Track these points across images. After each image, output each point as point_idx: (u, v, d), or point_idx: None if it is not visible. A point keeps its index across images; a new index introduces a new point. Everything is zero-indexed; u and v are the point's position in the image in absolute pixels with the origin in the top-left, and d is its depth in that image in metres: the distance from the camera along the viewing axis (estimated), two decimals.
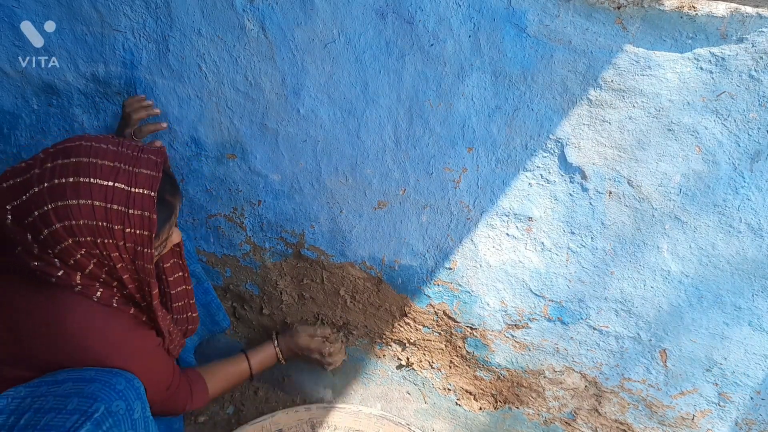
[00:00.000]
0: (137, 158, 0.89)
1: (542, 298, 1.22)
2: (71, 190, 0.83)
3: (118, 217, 0.86)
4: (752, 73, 0.92)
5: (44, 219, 0.83)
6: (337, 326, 1.46)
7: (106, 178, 0.85)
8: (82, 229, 0.84)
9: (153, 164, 0.90)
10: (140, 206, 0.87)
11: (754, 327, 1.09)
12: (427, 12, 1.04)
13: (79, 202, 0.83)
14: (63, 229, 0.83)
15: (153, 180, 0.89)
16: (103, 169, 0.85)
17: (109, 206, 0.85)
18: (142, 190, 0.87)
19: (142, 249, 0.90)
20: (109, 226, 0.85)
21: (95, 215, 0.84)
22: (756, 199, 0.99)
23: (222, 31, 1.17)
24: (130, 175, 0.87)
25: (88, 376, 0.94)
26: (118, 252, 0.89)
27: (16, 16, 1.25)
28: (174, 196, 0.97)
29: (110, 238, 0.86)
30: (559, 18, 0.98)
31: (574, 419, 1.33)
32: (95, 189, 0.84)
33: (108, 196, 0.85)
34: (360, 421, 1.32)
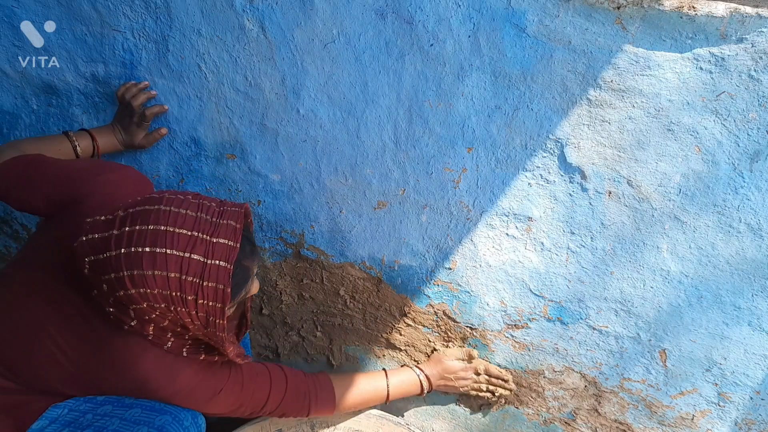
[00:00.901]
0: (216, 225, 0.87)
1: (542, 298, 1.22)
2: (147, 261, 0.82)
3: (192, 288, 0.84)
4: (752, 73, 0.92)
5: (120, 282, 0.82)
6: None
7: (183, 249, 0.83)
8: (156, 297, 0.83)
9: (232, 232, 0.87)
10: (215, 278, 0.85)
11: (753, 327, 1.09)
12: (426, 12, 1.04)
13: (154, 273, 0.82)
14: (138, 294, 0.83)
15: (230, 251, 0.86)
16: (180, 238, 0.83)
17: (183, 278, 0.83)
18: (218, 262, 0.85)
19: (215, 320, 0.88)
20: (183, 296, 0.84)
21: (169, 286, 0.83)
22: (755, 199, 0.99)
23: (222, 31, 1.17)
24: (207, 246, 0.85)
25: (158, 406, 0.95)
26: (190, 318, 0.87)
27: (16, 16, 1.25)
28: (252, 260, 0.94)
29: (183, 307, 0.85)
30: (558, 18, 0.98)
31: (574, 419, 1.33)
32: (171, 260, 0.82)
33: (183, 267, 0.83)
34: (359, 421, 1.31)
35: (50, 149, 1.16)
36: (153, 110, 1.25)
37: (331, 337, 1.49)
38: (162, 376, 0.94)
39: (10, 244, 1.66)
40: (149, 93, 1.25)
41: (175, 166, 1.36)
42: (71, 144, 1.20)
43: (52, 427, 0.92)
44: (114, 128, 1.28)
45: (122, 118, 1.27)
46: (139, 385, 0.94)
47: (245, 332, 1.16)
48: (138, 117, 1.24)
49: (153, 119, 1.27)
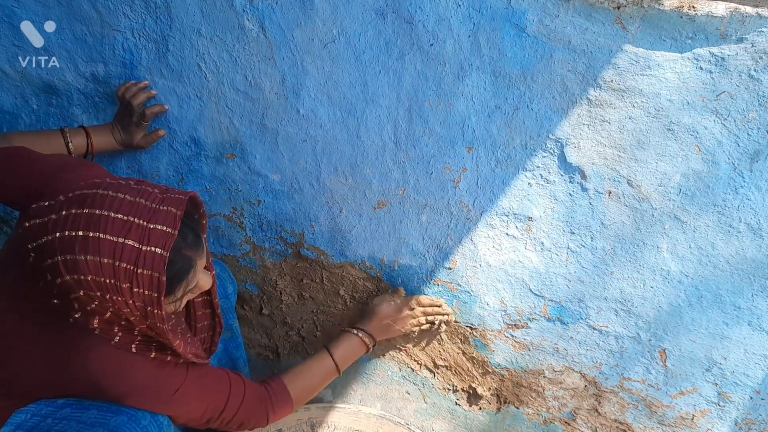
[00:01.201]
0: (155, 211, 0.84)
1: (542, 298, 1.22)
2: (80, 245, 0.80)
3: (126, 275, 0.82)
4: (752, 73, 0.92)
5: (56, 269, 0.81)
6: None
7: (117, 233, 0.81)
8: (90, 284, 0.81)
9: (171, 219, 0.84)
10: (150, 266, 0.82)
11: (753, 327, 1.09)
12: (426, 12, 1.04)
13: (86, 258, 0.80)
14: (72, 281, 0.81)
15: (167, 238, 0.83)
16: (116, 223, 0.81)
17: (117, 264, 0.81)
18: (153, 249, 0.82)
19: (152, 310, 0.86)
20: (117, 284, 0.82)
21: (102, 272, 0.81)
22: (755, 199, 0.99)
23: (222, 30, 1.17)
24: (143, 232, 0.82)
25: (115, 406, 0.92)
26: (129, 309, 0.85)
27: (16, 16, 1.25)
28: (195, 250, 0.90)
29: (119, 295, 0.83)
30: (558, 18, 0.98)
31: (574, 419, 1.33)
32: (104, 245, 0.80)
33: (116, 253, 0.81)
34: (359, 420, 1.31)
35: (41, 144, 1.15)
36: (153, 110, 1.25)
37: (332, 337, 1.49)
38: (111, 374, 0.92)
39: None
40: (149, 92, 1.25)
41: (175, 165, 1.36)
42: (64, 140, 1.19)
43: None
44: (113, 128, 1.27)
45: (122, 117, 1.26)
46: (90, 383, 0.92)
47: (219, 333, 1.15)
48: (137, 116, 1.24)
49: (153, 119, 1.27)
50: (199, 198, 0.94)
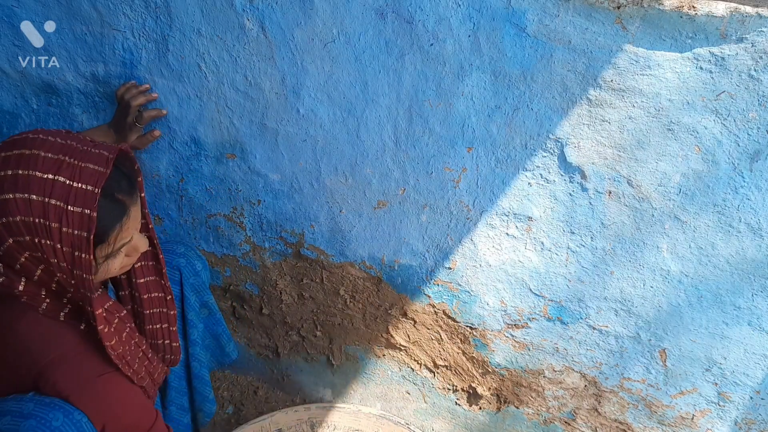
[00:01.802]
0: (86, 153, 0.83)
1: (542, 298, 1.22)
2: (9, 183, 0.78)
3: (56, 213, 0.79)
4: (752, 73, 0.92)
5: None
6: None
7: (47, 170, 0.79)
8: (19, 226, 0.78)
9: (103, 160, 0.83)
10: (81, 203, 0.80)
11: (753, 327, 1.09)
12: (426, 12, 1.04)
13: (15, 196, 0.78)
14: (2, 226, 0.79)
15: (99, 176, 0.82)
16: (45, 161, 0.79)
17: (47, 201, 0.78)
18: (84, 186, 0.80)
19: (80, 254, 0.82)
20: (47, 223, 0.79)
21: (32, 211, 0.78)
22: (755, 199, 0.99)
23: (222, 30, 1.17)
24: (74, 169, 0.80)
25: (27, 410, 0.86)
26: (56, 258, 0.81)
27: (16, 16, 1.25)
28: (129, 196, 0.88)
29: (47, 239, 0.80)
30: (558, 18, 0.98)
31: (574, 419, 1.33)
32: (33, 181, 0.78)
33: (47, 189, 0.78)
34: (359, 420, 1.32)
35: None
36: (150, 114, 1.25)
37: (331, 336, 1.49)
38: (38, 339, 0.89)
39: None
40: (149, 96, 1.25)
41: (175, 165, 1.36)
42: None
43: None
44: (108, 129, 1.27)
45: (118, 118, 1.25)
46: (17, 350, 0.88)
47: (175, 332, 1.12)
48: (133, 118, 1.23)
49: (150, 122, 1.27)
50: (132, 153, 0.93)
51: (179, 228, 1.47)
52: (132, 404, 0.98)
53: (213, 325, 1.41)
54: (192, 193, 1.40)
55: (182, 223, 1.46)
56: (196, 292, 1.35)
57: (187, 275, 1.31)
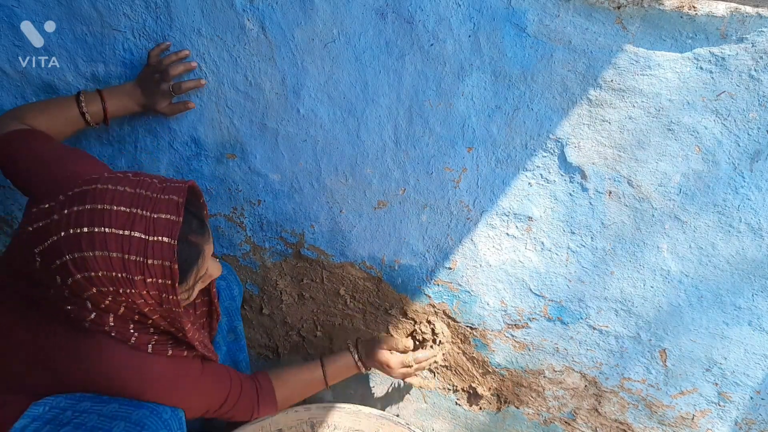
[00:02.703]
0: (156, 201, 0.83)
1: (542, 298, 1.22)
2: (86, 242, 0.79)
3: (137, 267, 0.81)
4: (752, 73, 0.92)
5: (65, 269, 0.80)
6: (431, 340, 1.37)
7: (122, 226, 0.80)
8: (102, 279, 0.81)
9: (174, 207, 0.84)
10: (159, 256, 0.82)
11: (753, 327, 1.09)
12: (427, 12, 1.04)
13: (95, 254, 0.79)
14: (83, 279, 0.80)
15: (173, 226, 0.82)
16: (119, 216, 0.80)
17: (126, 257, 0.80)
18: (160, 238, 0.81)
19: (167, 296, 0.86)
20: (128, 276, 0.81)
21: (112, 266, 0.80)
22: (756, 199, 0.99)
23: (222, 30, 1.17)
24: (148, 222, 0.81)
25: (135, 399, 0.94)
26: (143, 300, 0.85)
27: (16, 16, 1.25)
28: (201, 235, 0.90)
29: (131, 288, 0.82)
30: (559, 18, 0.98)
31: (574, 419, 1.33)
32: (110, 239, 0.79)
33: (124, 246, 0.80)
34: (360, 420, 1.31)
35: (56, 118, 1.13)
36: (189, 84, 1.19)
37: (331, 336, 1.49)
38: (130, 374, 0.93)
39: None
40: (188, 64, 1.19)
41: (175, 165, 1.36)
42: (79, 110, 1.15)
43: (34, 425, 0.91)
44: (134, 89, 1.20)
45: (148, 80, 1.19)
46: (109, 384, 0.92)
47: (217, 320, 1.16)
48: (169, 86, 1.18)
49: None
50: (198, 187, 0.93)
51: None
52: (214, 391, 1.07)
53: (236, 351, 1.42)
54: None
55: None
56: (228, 316, 1.35)
57: (223, 298, 1.32)
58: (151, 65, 1.19)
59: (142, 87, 1.20)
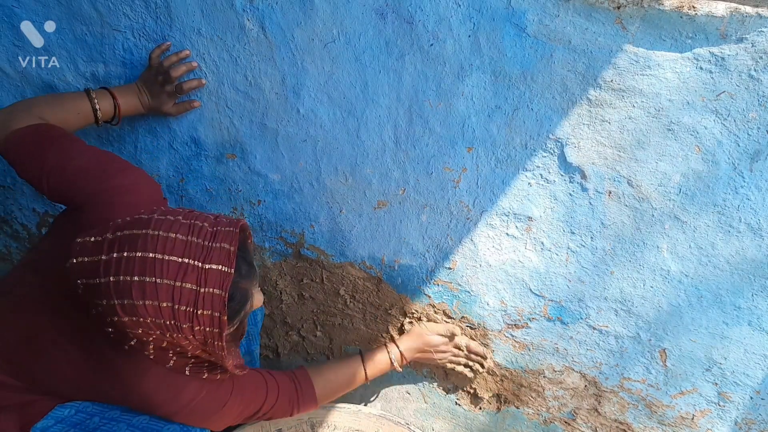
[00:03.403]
0: (209, 249, 0.82)
1: (542, 298, 1.22)
2: (137, 290, 0.79)
3: (187, 316, 0.81)
4: (752, 73, 0.92)
5: (112, 310, 0.80)
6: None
7: (173, 277, 0.80)
8: (149, 325, 0.81)
9: (225, 257, 0.83)
10: (209, 306, 0.81)
11: (753, 327, 1.09)
12: (426, 12, 1.04)
13: (145, 303, 0.79)
14: (130, 322, 0.81)
15: (224, 277, 0.82)
16: (171, 266, 0.80)
17: (176, 307, 0.80)
18: (212, 290, 0.81)
19: (212, 341, 0.85)
20: (177, 324, 0.81)
21: (162, 315, 0.80)
22: (756, 199, 0.99)
23: (222, 30, 1.17)
24: (200, 274, 0.81)
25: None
26: (188, 341, 0.85)
27: (16, 16, 1.25)
28: (249, 281, 0.89)
29: (179, 333, 0.83)
30: (558, 18, 0.98)
31: (574, 419, 1.33)
32: (162, 290, 0.79)
33: (175, 297, 0.80)
34: (360, 420, 1.31)
35: (67, 112, 1.12)
36: (191, 84, 1.20)
37: (331, 336, 1.49)
38: (165, 394, 0.93)
39: (10, 244, 1.66)
40: (190, 64, 1.19)
41: (175, 165, 1.36)
42: (91, 105, 1.14)
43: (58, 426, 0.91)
44: (139, 90, 1.21)
45: (151, 82, 1.19)
46: (142, 402, 0.93)
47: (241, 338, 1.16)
48: (172, 87, 1.19)
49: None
50: (247, 225, 0.92)
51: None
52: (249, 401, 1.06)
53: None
54: (192, 193, 1.40)
55: None
56: (248, 339, 1.35)
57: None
58: (153, 67, 1.19)
59: (149, 89, 1.21)
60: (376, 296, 1.38)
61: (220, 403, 1.01)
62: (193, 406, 0.97)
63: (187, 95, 1.23)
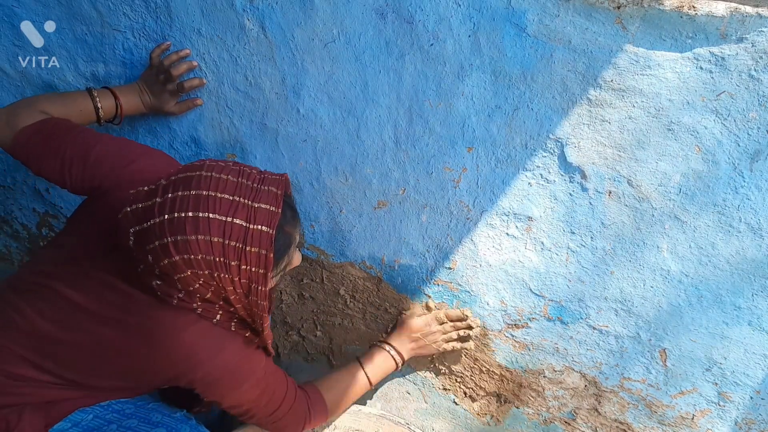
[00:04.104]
0: (257, 191, 0.86)
1: (542, 298, 1.22)
2: (190, 225, 0.81)
3: (235, 253, 0.84)
4: (752, 73, 0.92)
5: (164, 249, 0.82)
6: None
7: (225, 213, 0.83)
8: (200, 262, 0.83)
9: (273, 198, 0.87)
10: (257, 243, 0.84)
11: (753, 326, 1.09)
12: (426, 12, 1.04)
13: (197, 238, 0.82)
14: (182, 261, 0.83)
15: (272, 216, 0.86)
16: (222, 203, 0.83)
17: (226, 242, 0.83)
18: (260, 227, 0.84)
19: (257, 286, 0.88)
20: (226, 261, 0.84)
21: (213, 251, 0.83)
22: (755, 199, 0.99)
23: (222, 30, 1.17)
24: (249, 211, 0.84)
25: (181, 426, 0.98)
26: (233, 287, 0.87)
27: (16, 16, 1.25)
28: (293, 227, 0.93)
29: (226, 273, 0.85)
30: (558, 18, 0.98)
31: (574, 419, 1.33)
32: (213, 224, 0.82)
33: (226, 232, 0.83)
34: (359, 420, 1.31)
35: (69, 110, 1.13)
36: (192, 83, 1.20)
37: (331, 336, 1.49)
38: (209, 347, 0.94)
39: (10, 244, 1.66)
40: (190, 63, 1.20)
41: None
42: (93, 104, 1.16)
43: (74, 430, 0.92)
44: (140, 89, 1.22)
45: (152, 82, 1.20)
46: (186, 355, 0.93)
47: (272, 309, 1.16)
48: (174, 86, 1.19)
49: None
50: (289, 179, 0.96)
51: None
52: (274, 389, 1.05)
53: None
54: None
55: None
56: None
57: None
58: (154, 66, 1.19)
59: (150, 88, 1.21)
60: (376, 296, 1.38)
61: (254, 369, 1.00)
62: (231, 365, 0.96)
63: (189, 94, 1.23)
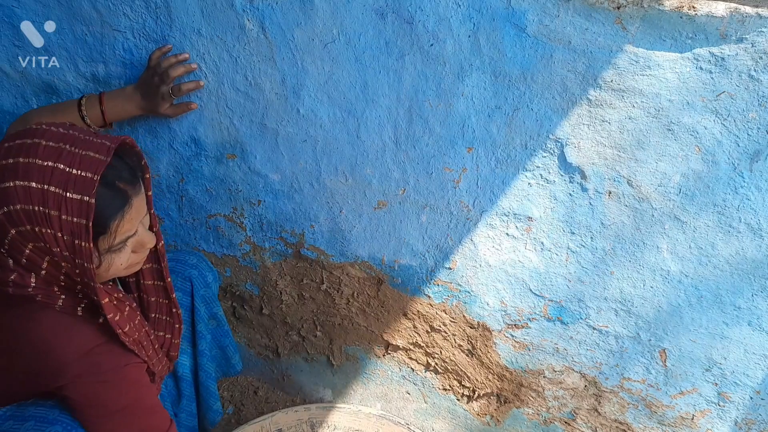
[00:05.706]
0: (87, 141, 0.82)
1: (542, 298, 1.22)
2: (10, 172, 0.78)
3: (56, 200, 0.78)
4: (752, 73, 0.92)
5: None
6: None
7: (47, 158, 0.79)
8: (20, 214, 0.78)
9: (104, 149, 0.83)
10: (80, 190, 0.79)
11: (753, 327, 1.09)
12: (426, 12, 1.04)
13: (15, 184, 0.77)
14: (3, 215, 0.78)
15: (98, 163, 0.81)
16: (46, 149, 0.79)
17: (46, 188, 0.78)
18: (83, 173, 0.79)
19: (80, 243, 0.81)
20: (46, 211, 0.78)
21: (31, 198, 0.78)
22: (755, 199, 0.99)
23: (222, 31, 1.17)
24: (74, 157, 0.80)
25: (51, 416, 0.91)
26: (57, 247, 0.81)
27: (16, 16, 1.25)
28: (131, 185, 0.87)
29: (48, 227, 0.79)
30: (558, 18, 0.98)
31: (574, 419, 1.33)
32: (33, 168, 0.78)
33: (46, 177, 0.78)
34: (359, 420, 1.32)
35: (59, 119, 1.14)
36: (189, 86, 1.19)
37: (331, 336, 1.49)
38: (58, 335, 0.89)
39: None
40: (189, 66, 1.19)
41: (175, 165, 1.36)
42: (80, 114, 1.16)
43: None
44: (135, 92, 1.20)
45: (147, 84, 1.19)
46: (39, 349, 0.89)
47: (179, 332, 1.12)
48: (168, 88, 1.18)
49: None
50: (138, 147, 0.92)
51: (179, 228, 1.47)
52: (149, 394, 1.00)
53: (221, 336, 1.42)
54: (192, 193, 1.40)
55: (182, 223, 1.46)
56: (206, 304, 1.35)
57: (198, 286, 1.32)
58: (151, 67, 1.19)
59: (142, 90, 1.20)
60: (376, 296, 1.38)
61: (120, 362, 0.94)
62: (88, 352, 0.91)
63: (186, 97, 1.23)
